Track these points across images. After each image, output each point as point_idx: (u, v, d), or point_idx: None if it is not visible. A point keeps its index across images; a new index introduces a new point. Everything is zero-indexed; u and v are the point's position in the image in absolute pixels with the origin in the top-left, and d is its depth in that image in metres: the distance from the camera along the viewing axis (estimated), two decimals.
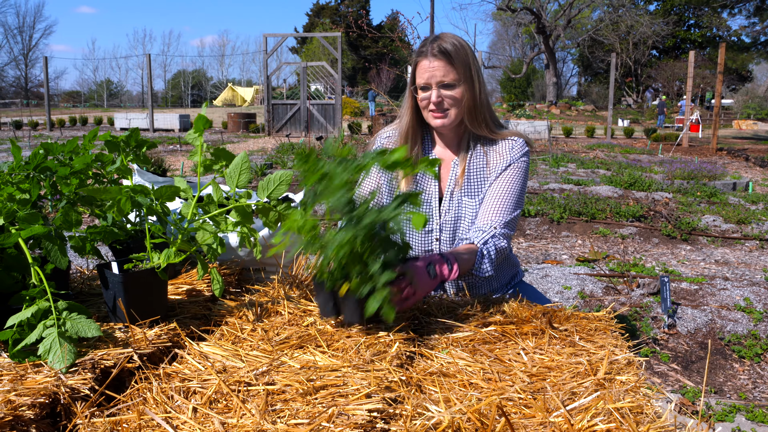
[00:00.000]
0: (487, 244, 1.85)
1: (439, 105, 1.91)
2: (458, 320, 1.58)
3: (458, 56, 1.88)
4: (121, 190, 1.33)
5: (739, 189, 9.65)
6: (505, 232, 1.91)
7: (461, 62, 1.88)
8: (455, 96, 1.90)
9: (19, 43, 64.88)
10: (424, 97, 1.93)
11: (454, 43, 1.89)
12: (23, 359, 1.18)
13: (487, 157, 1.99)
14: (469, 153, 2.01)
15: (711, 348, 3.16)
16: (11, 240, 1.26)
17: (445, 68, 1.87)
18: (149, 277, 1.42)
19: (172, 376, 1.19)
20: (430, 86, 1.90)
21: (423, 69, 1.91)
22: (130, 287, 1.39)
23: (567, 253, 5.37)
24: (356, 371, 1.22)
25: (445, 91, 1.90)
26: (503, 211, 1.92)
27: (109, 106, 59.54)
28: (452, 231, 2.01)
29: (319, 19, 57.77)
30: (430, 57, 1.89)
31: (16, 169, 1.54)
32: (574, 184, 8.72)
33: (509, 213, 1.92)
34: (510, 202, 1.93)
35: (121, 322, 1.41)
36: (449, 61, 1.87)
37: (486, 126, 1.97)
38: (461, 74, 1.89)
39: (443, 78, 1.88)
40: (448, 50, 1.87)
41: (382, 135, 2.13)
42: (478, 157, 2.00)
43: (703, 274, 4.70)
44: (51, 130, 23.15)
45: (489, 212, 1.93)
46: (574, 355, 1.40)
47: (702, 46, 41.91)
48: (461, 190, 1.99)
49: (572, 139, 21.44)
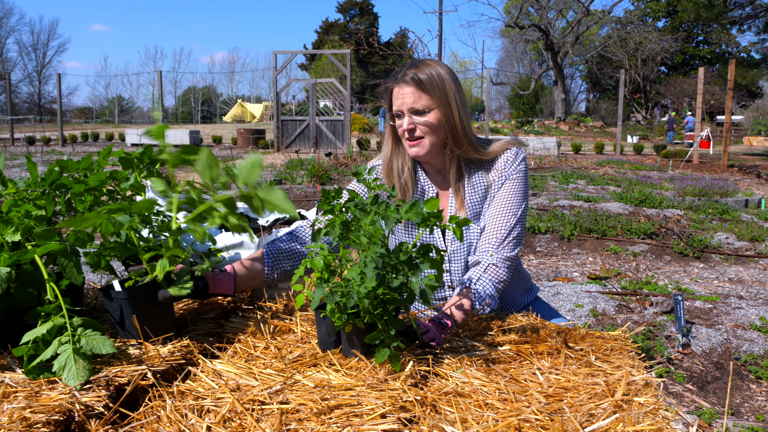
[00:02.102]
0: (481, 280, 1.78)
1: (411, 132, 1.85)
2: (471, 338, 1.56)
3: (431, 81, 1.81)
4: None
5: (752, 206, 9.58)
6: (505, 256, 1.84)
7: (434, 87, 1.81)
8: (429, 122, 1.83)
9: (33, 60, 65.88)
10: (399, 124, 1.87)
11: (429, 71, 1.82)
12: (38, 375, 1.18)
13: (487, 177, 1.94)
14: (465, 180, 1.94)
15: (729, 369, 3.12)
16: (28, 256, 1.27)
17: (415, 94, 1.81)
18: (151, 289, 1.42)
19: (186, 394, 1.18)
20: (402, 113, 1.85)
21: (395, 96, 1.86)
22: (133, 303, 1.39)
23: (578, 270, 5.34)
24: (370, 390, 1.21)
25: (417, 118, 1.83)
26: (502, 232, 1.87)
27: (120, 122, 60.13)
28: (463, 258, 1.96)
29: (328, 36, 58.30)
30: (402, 84, 1.84)
31: (32, 186, 1.55)
32: (584, 201, 8.69)
33: (508, 232, 1.87)
34: (508, 221, 1.88)
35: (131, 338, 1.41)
36: (420, 87, 1.81)
37: (474, 150, 1.91)
38: (434, 100, 1.82)
39: (414, 104, 1.82)
40: (420, 77, 1.81)
41: (375, 164, 2.03)
42: (477, 179, 1.94)
43: (717, 292, 4.65)
44: (63, 146, 23.38)
45: (488, 235, 1.88)
46: (590, 375, 1.38)
47: (711, 63, 41.91)
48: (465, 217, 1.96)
49: (581, 155, 21.41)
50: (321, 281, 1.33)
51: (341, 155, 14.62)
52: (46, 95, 66.58)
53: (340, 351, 1.41)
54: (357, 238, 1.30)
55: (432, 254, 1.40)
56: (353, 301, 1.25)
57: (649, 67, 41.87)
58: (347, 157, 14.27)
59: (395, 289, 1.31)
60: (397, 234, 2.03)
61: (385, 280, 1.28)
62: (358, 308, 1.33)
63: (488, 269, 1.82)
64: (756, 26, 37.51)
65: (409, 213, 1.34)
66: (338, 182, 10.60)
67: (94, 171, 1.67)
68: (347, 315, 1.32)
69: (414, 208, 1.35)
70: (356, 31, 56.10)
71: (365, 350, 1.37)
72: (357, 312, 1.34)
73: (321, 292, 1.28)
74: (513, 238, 1.87)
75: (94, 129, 35.26)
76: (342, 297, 1.26)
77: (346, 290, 1.26)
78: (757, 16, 35.91)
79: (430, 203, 1.35)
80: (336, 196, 1.38)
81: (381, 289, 1.30)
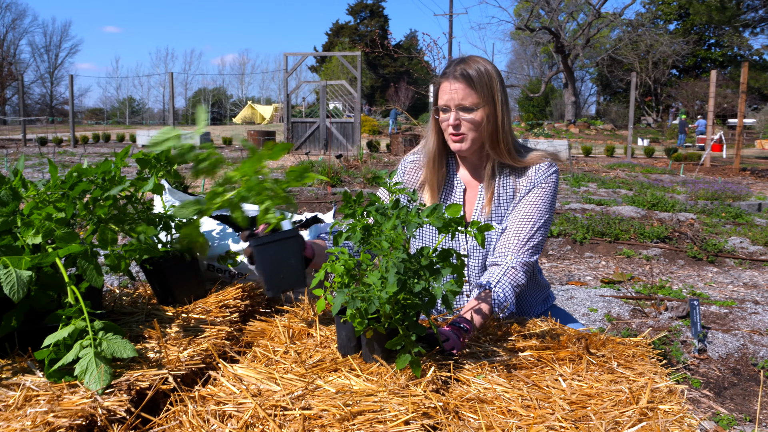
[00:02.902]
0: (500, 283, 1.77)
1: (456, 128, 1.88)
2: (492, 344, 1.55)
3: (480, 80, 1.85)
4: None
5: (765, 210, 9.48)
6: (524, 261, 1.83)
7: (483, 86, 1.85)
8: (474, 119, 1.86)
9: (46, 61, 66.46)
10: (444, 118, 1.91)
11: (478, 67, 1.86)
12: (59, 379, 1.18)
13: (516, 183, 1.95)
14: (496, 179, 1.96)
15: (760, 378, 3.08)
16: (50, 259, 1.27)
17: (464, 90, 1.85)
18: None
19: (207, 399, 1.18)
20: (449, 108, 1.88)
21: (444, 91, 1.89)
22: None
23: (591, 274, 5.30)
24: (392, 396, 1.20)
25: (464, 114, 1.87)
26: (523, 236, 1.86)
27: (131, 123, 60.47)
28: (482, 256, 1.96)
29: (339, 39, 58.41)
30: (451, 79, 1.87)
31: (52, 188, 1.55)
32: (595, 204, 8.64)
33: (530, 237, 1.86)
34: (531, 226, 1.87)
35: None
36: (470, 84, 1.84)
37: (509, 153, 1.92)
38: (482, 98, 1.85)
39: (462, 101, 1.85)
40: (470, 73, 1.85)
41: (407, 159, 2.10)
42: (507, 182, 1.95)
43: (732, 297, 4.60)
44: (75, 147, 23.54)
45: (509, 237, 1.87)
46: (613, 382, 1.36)
47: (723, 66, 41.61)
48: (489, 216, 1.96)
49: (592, 158, 21.30)
50: (342, 286, 1.32)
51: (351, 157, 14.62)
52: (58, 96, 67.13)
53: (360, 356, 1.40)
54: (378, 243, 1.29)
55: (453, 259, 1.39)
56: (375, 307, 1.24)
57: (660, 70, 41.64)
58: (357, 159, 14.27)
59: (416, 294, 1.30)
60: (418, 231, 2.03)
61: (407, 285, 1.27)
62: (379, 313, 1.32)
63: (507, 272, 1.81)
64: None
65: (430, 217, 1.33)
66: (349, 184, 10.60)
67: (112, 174, 1.67)
68: (368, 320, 1.31)
69: (435, 212, 1.34)
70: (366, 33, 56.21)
71: (386, 355, 1.36)
72: (377, 317, 1.33)
73: (342, 297, 1.27)
74: (534, 244, 1.86)
75: (105, 130, 35.48)
76: (363, 302, 1.25)
77: (367, 295, 1.25)
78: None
79: (451, 208, 1.33)
80: (357, 201, 1.37)
81: (402, 294, 1.29)
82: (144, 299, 1.77)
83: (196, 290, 1.77)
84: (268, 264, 1.61)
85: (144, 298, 1.78)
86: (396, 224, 1.31)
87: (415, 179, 2.06)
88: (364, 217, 1.35)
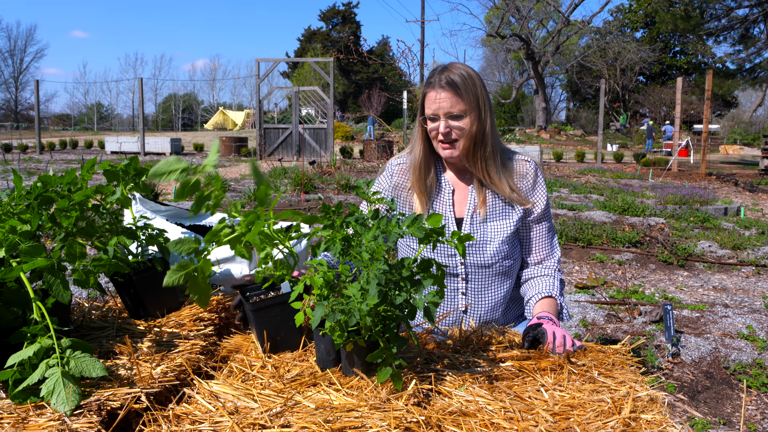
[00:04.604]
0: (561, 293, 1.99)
1: (447, 135, 1.92)
2: (473, 355, 1.53)
3: (465, 86, 1.89)
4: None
5: (731, 214, 9.70)
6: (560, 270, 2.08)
7: (468, 92, 1.89)
8: (463, 126, 1.90)
9: (10, 66, 64.91)
10: (433, 127, 1.94)
11: (462, 74, 1.90)
12: (24, 400, 1.12)
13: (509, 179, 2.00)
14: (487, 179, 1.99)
15: (729, 379, 3.12)
16: (14, 274, 1.21)
17: (452, 99, 1.88)
18: None
19: (182, 418, 1.13)
20: (438, 117, 1.91)
21: (431, 100, 1.91)
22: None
23: (565, 279, 5.34)
24: (374, 411, 1.17)
25: (453, 122, 1.91)
26: (553, 246, 2.08)
27: (100, 129, 59.36)
28: (478, 254, 1.98)
29: (311, 44, 58.26)
30: (438, 88, 1.89)
31: (16, 199, 1.49)
32: (568, 209, 8.73)
33: (556, 246, 2.10)
34: (553, 236, 2.09)
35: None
36: (456, 92, 1.88)
37: (494, 153, 1.96)
38: (468, 104, 1.89)
39: (450, 109, 1.89)
40: (456, 81, 1.88)
41: (392, 163, 2.12)
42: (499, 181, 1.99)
43: (703, 300, 4.67)
44: (41, 153, 23.01)
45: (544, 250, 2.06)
46: (595, 392, 1.35)
47: (688, 73, 42.56)
48: (484, 215, 1.97)
49: (563, 163, 21.58)
50: (321, 299, 1.28)
51: (325, 163, 14.55)
52: (23, 102, 65.63)
53: (340, 369, 1.37)
54: (358, 254, 1.26)
55: (433, 269, 1.36)
56: (355, 319, 1.21)
57: (628, 77, 42.41)
58: (331, 166, 14.21)
59: (397, 306, 1.27)
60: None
61: (388, 297, 1.24)
62: (359, 325, 1.29)
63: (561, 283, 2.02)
64: (731, 38, 38.23)
65: (411, 228, 1.31)
66: (322, 191, 10.54)
67: (78, 185, 1.61)
68: (348, 333, 1.28)
69: (416, 223, 1.31)
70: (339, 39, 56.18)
71: (366, 368, 1.33)
72: (357, 329, 1.30)
73: (322, 310, 1.24)
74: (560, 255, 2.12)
75: (72, 136, 34.74)
76: (343, 315, 1.22)
77: (348, 308, 1.22)
78: (733, 27, 36.62)
79: (432, 218, 1.31)
80: (336, 211, 1.33)
81: (383, 306, 1.26)
82: (114, 313, 1.71)
83: (169, 303, 1.72)
84: (266, 327, 1.48)
85: (114, 312, 1.72)
86: (376, 234, 1.29)
87: (405, 180, 2.06)
88: (344, 228, 1.32)
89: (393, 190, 2.06)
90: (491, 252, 1.97)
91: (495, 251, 1.97)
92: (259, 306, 1.48)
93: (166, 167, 1.32)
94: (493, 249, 1.97)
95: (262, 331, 1.47)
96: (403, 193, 2.05)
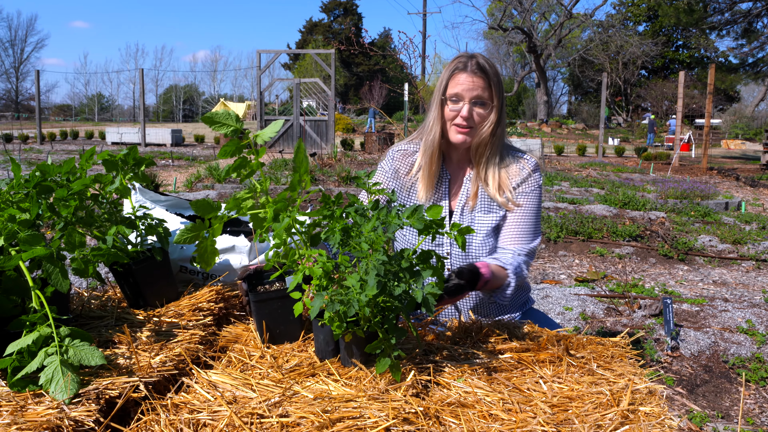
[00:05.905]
0: (517, 269, 1.87)
1: (468, 120, 1.90)
2: (472, 346, 1.53)
3: (495, 77, 1.91)
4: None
5: (732, 208, 9.69)
6: (528, 261, 1.96)
7: (496, 83, 1.91)
8: (484, 114, 1.91)
9: (11, 56, 64.77)
10: (454, 108, 1.92)
11: (492, 65, 1.92)
12: (23, 388, 1.13)
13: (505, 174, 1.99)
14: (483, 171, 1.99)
15: (728, 373, 3.12)
16: (12, 262, 1.21)
17: (482, 85, 1.89)
18: None
19: (180, 407, 1.13)
20: (461, 99, 1.90)
21: (459, 81, 1.90)
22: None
23: (565, 272, 5.34)
24: (372, 402, 1.17)
25: (477, 108, 1.90)
26: (525, 240, 1.97)
27: (100, 120, 59.26)
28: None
29: (312, 36, 58.06)
30: (470, 72, 1.89)
31: (15, 188, 1.49)
32: (568, 203, 8.72)
33: (530, 241, 1.98)
34: (530, 231, 1.98)
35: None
36: (487, 79, 1.89)
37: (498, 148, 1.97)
38: (495, 95, 1.91)
39: (481, 93, 1.89)
40: (487, 70, 1.90)
41: (395, 149, 2.10)
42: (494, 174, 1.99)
43: (702, 294, 4.68)
44: (42, 144, 22.99)
45: (513, 240, 1.96)
46: (594, 384, 1.35)
47: (690, 67, 42.43)
48: (474, 207, 1.97)
49: (564, 157, 21.55)
50: (320, 289, 1.28)
51: (326, 155, 14.52)
52: (24, 92, 65.53)
53: (339, 360, 1.37)
54: (358, 244, 1.26)
55: (433, 261, 1.36)
56: (354, 310, 1.21)
57: (630, 71, 42.27)
58: (332, 158, 14.18)
59: (396, 297, 1.27)
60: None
61: (387, 288, 1.24)
62: (358, 316, 1.29)
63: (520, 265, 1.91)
64: (734, 32, 38.06)
65: (410, 219, 1.31)
66: (323, 183, 10.53)
67: (77, 175, 1.61)
68: (347, 323, 1.28)
69: (416, 214, 1.31)
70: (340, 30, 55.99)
71: (364, 359, 1.33)
72: (356, 320, 1.30)
73: (321, 301, 1.24)
74: (533, 248, 1.99)
75: (73, 127, 34.67)
76: (342, 305, 1.22)
77: (347, 298, 1.22)
78: (736, 21, 36.45)
79: (432, 210, 1.31)
80: (336, 202, 1.33)
81: (381, 297, 1.26)
82: (114, 302, 1.71)
83: (168, 293, 1.72)
84: (266, 318, 1.48)
85: (113, 302, 1.72)
86: (376, 225, 1.28)
87: (406, 165, 2.05)
88: (343, 218, 1.32)
89: (393, 173, 2.05)
90: (476, 244, 1.98)
91: (480, 243, 1.98)
92: (261, 297, 1.48)
93: (221, 119, 1.32)
94: (478, 240, 1.98)
95: (261, 322, 1.47)
96: (403, 178, 2.04)
